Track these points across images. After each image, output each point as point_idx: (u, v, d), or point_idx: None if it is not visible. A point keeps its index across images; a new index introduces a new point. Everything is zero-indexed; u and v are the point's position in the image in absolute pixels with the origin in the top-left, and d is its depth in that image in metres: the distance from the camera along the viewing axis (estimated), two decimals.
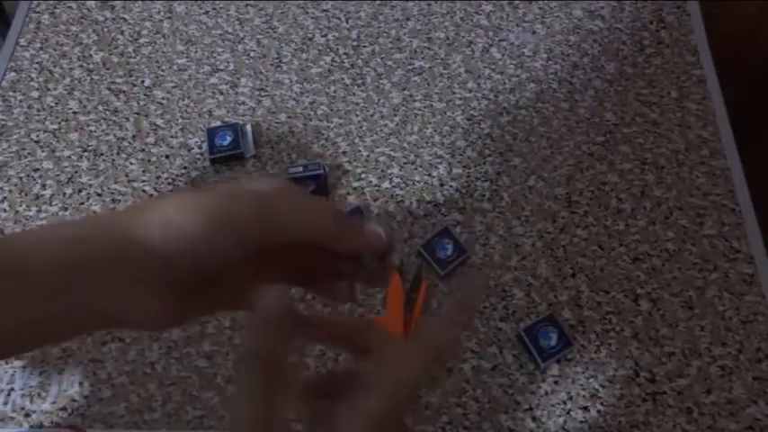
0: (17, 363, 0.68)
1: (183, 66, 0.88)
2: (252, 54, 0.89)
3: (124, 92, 0.85)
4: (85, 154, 0.81)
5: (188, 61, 0.88)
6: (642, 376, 0.68)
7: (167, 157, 0.81)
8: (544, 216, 0.77)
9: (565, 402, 0.67)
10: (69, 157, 0.80)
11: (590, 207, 0.78)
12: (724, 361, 0.69)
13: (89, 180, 0.79)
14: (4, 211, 0.77)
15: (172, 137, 0.82)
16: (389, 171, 0.80)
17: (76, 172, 0.79)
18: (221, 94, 0.85)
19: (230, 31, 0.91)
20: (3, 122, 0.83)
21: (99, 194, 0.78)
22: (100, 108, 0.84)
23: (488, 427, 0.65)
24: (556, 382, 0.68)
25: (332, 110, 0.84)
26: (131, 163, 0.80)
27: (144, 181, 0.79)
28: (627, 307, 0.72)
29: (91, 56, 0.88)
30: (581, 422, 0.66)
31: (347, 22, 0.92)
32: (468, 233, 0.76)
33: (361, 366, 0.36)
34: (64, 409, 0.65)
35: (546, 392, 0.67)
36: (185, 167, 0.80)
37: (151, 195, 0.78)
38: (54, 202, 0.77)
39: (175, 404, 0.66)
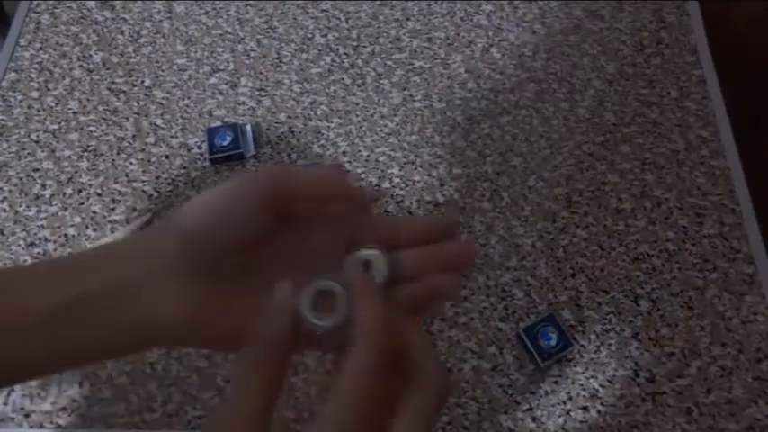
0: None
1: (183, 66, 0.88)
2: (252, 54, 0.89)
3: (124, 92, 0.85)
4: (85, 154, 0.81)
5: (188, 61, 0.88)
6: (642, 376, 0.68)
7: (167, 157, 0.81)
8: (544, 216, 0.77)
9: (565, 402, 0.67)
10: (69, 157, 0.80)
11: (590, 207, 0.78)
12: (724, 361, 0.69)
13: (89, 180, 0.79)
14: (4, 211, 0.77)
15: (172, 137, 0.82)
16: (389, 171, 0.80)
17: (76, 172, 0.79)
18: (221, 94, 0.85)
19: (230, 31, 0.91)
20: (3, 122, 0.83)
21: (99, 194, 0.78)
22: (100, 108, 0.84)
23: (488, 427, 0.65)
24: (556, 382, 0.67)
25: (332, 110, 0.84)
26: (131, 163, 0.80)
27: (144, 181, 0.79)
28: (627, 307, 0.72)
29: (91, 56, 0.88)
30: (581, 422, 0.66)
31: (347, 22, 0.92)
32: (468, 233, 0.76)
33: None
34: (64, 409, 0.65)
35: (546, 392, 0.67)
36: (185, 167, 0.80)
37: (151, 196, 0.78)
38: (54, 202, 0.77)
39: (175, 404, 0.66)
